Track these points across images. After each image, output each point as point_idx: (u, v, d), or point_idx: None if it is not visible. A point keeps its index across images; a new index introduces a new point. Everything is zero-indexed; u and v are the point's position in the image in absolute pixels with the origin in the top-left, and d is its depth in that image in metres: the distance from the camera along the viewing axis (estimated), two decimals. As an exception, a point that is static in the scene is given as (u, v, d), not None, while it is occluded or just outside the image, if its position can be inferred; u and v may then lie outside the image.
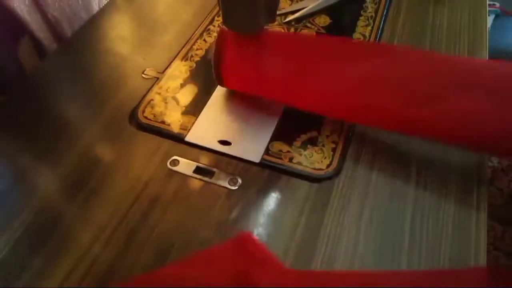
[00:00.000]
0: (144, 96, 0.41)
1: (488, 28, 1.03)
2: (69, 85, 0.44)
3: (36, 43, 0.50)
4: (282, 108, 0.39)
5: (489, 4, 1.03)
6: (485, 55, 0.43)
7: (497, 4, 1.04)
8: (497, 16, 1.04)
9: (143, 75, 0.44)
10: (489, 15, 1.03)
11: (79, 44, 0.48)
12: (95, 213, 0.33)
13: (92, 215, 0.33)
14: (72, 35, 0.49)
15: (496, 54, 0.54)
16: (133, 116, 0.40)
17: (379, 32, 0.46)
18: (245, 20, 0.34)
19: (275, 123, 0.38)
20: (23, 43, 0.49)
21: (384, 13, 0.48)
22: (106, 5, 0.53)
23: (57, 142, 0.38)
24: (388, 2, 0.50)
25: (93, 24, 0.50)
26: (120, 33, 0.49)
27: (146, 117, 0.39)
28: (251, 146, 0.36)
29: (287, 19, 0.48)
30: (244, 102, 0.40)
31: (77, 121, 0.40)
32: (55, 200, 0.34)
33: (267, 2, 0.33)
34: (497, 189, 0.48)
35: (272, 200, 0.33)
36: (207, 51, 0.46)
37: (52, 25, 0.49)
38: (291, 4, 0.50)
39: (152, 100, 0.41)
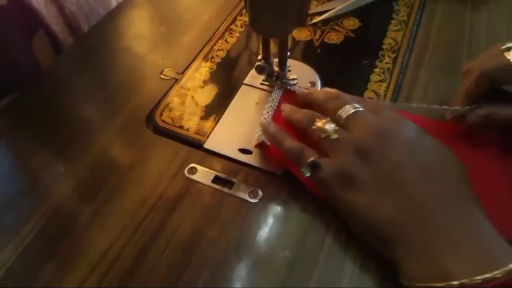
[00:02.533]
0: (162, 98, 0.39)
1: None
2: (85, 83, 0.42)
3: (52, 37, 0.48)
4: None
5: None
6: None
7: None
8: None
9: (162, 76, 0.42)
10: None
11: (95, 40, 0.47)
12: (108, 221, 0.31)
13: (105, 223, 0.31)
14: (88, 30, 0.48)
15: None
16: (150, 119, 0.38)
17: (412, 37, 0.43)
18: (273, 24, 0.31)
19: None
20: (38, 37, 0.48)
21: (418, 18, 0.45)
22: (124, 0, 0.51)
23: (72, 144, 0.36)
24: (421, 6, 0.47)
25: (110, 20, 0.49)
26: (138, 31, 0.48)
27: (163, 121, 0.37)
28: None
29: (313, 21, 0.46)
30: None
31: (92, 122, 0.38)
32: (68, 206, 0.32)
33: (296, 6, 0.30)
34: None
35: (295, 216, 0.31)
36: (228, 52, 0.44)
37: (68, 19, 0.47)
38: (317, 5, 0.48)
39: (170, 102, 0.39)
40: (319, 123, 0.30)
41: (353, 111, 0.30)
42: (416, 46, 0.43)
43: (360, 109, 0.30)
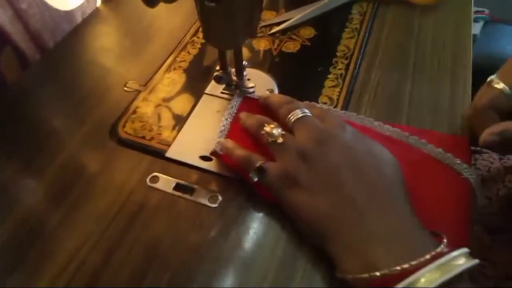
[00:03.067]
0: (126, 109, 0.41)
1: (477, 34, 1.04)
2: (51, 97, 0.43)
3: (19, 54, 0.49)
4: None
5: (478, 11, 1.04)
6: (469, 69, 0.43)
7: (486, 11, 1.05)
8: (486, 23, 1.05)
9: (125, 88, 0.43)
10: (478, 22, 1.04)
11: (61, 56, 0.48)
12: (75, 227, 0.32)
13: (72, 229, 0.32)
14: (54, 46, 0.49)
15: (485, 61, 0.54)
16: (113, 131, 0.39)
17: (364, 44, 0.46)
18: (224, 37, 0.33)
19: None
20: (5, 54, 0.48)
21: (369, 25, 0.48)
22: (89, 15, 0.52)
23: (38, 155, 0.37)
24: (373, 13, 0.50)
25: (76, 35, 0.50)
26: (104, 45, 0.49)
27: (126, 132, 0.39)
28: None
29: (272, 31, 0.48)
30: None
31: (58, 133, 0.39)
32: (35, 214, 0.33)
33: (246, 19, 0.32)
34: (486, 198, 0.48)
35: (252, 219, 0.32)
36: (190, 63, 0.45)
37: (34, 36, 0.48)
38: (276, 16, 0.50)
39: (133, 114, 0.40)
40: (267, 128, 0.32)
41: (301, 115, 0.32)
42: (368, 51, 0.45)
43: (308, 114, 0.32)
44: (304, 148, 0.30)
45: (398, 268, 0.22)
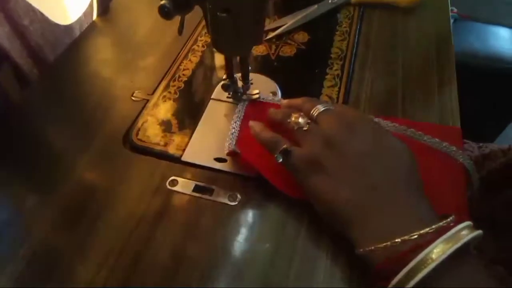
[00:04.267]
0: (136, 118, 0.42)
1: (449, 32, 1.10)
2: (57, 113, 0.44)
3: (17, 70, 0.49)
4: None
5: (447, 10, 1.10)
6: (453, 62, 0.47)
7: (455, 10, 1.11)
8: (455, 20, 1.11)
9: (133, 98, 0.44)
10: (447, 20, 1.10)
11: (63, 70, 0.48)
12: (97, 241, 0.33)
13: (94, 244, 0.33)
14: (55, 60, 0.49)
15: (457, 57, 0.59)
16: (127, 139, 0.40)
17: (355, 45, 0.49)
18: (233, 44, 0.35)
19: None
20: (3, 71, 0.48)
21: (358, 28, 0.52)
22: (87, 28, 0.53)
23: (52, 173, 0.38)
24: (360, 17, 0.53)
25: (75, 49, 0.51)
26: (104, 57, 0.50)
27: (140, 139, 0.40)
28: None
29: (268, 37, 0.50)
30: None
31: (70, 149, 0.40)
32: (54, 233, 0.34)
33: (254, 27, 0.34)
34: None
35: (272, 215, 0.34)
36: (194, 70, 0.47)
37: (34, 51, 0.49)
38: (270, 22, 0.52)
39: (144, 122, 0.42)
40: (293, 117, 0.34)
41: (323, 109, 0.34)
42: (359, 52, 0.49)
43: (331, 107, 0.35)
44: (330, 135, 0.31)
45: (416, 233, 0.25)
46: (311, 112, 0.34)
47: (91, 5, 0.54)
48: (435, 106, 0.42)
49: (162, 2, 0.30)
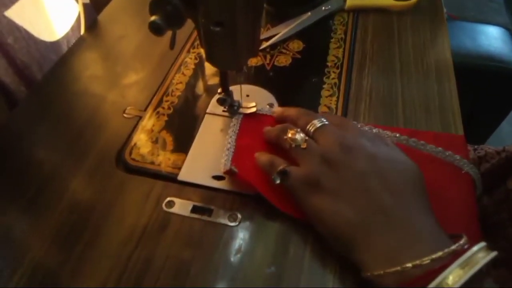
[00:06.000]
0: (129, 136, 0.40)
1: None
2: (46, 132, 0.42)
3: (4, 89, 0.48)
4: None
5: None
6: (451, 65, 0.46)
7: (445, 10, 1.11)
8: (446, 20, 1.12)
9: (125, 115, 0.43)
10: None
11: (51, 87, 0.47)
12: (93, 268, 0.31)
13: (90, 271, 0.31)
14: (43, 77, 0.48)
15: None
16: (120, 158, 0.39)
17: (351, 53, 0.48)
18: (228, 58, 0.34)
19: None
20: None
21: (353, 34, 0.51)
22: (74, 44, 0.51)
23: (42, 196, 0.36)
24: (355, 23, 0.52)
25: (64, 65, 0.49)
26: (93, 72, 0.48)
27: (134, 159, 0.38)
28: (245, 178, 0.36)
29: (262, 46, 0.49)
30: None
31: (60, 171, 0.38)
32: (49, 258, 0.32)
33: (248, 40, 0.33)
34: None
35: (274, 234, 0.33)
36: (187, 84, 0.46)
37: (20, 70, 0.47)
38: (263, 32, 0.51)
39: (137, 140, 0.40)
40: (289, 134, 0.33)
41: (319, 125, 0.33)
42: (356, 59, 0.48)
43: (326, 123, 0.33)
44: (328, 154, 0.30)
45: (428, 259, 0.24)
46: (307, 128, 0.33)
47: (78, 19, 0.52)
48: (436, 111, 0.42)
49: (152, 18, 0.29)
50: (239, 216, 0.34)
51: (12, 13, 0.43)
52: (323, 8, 0.53)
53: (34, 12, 0.46)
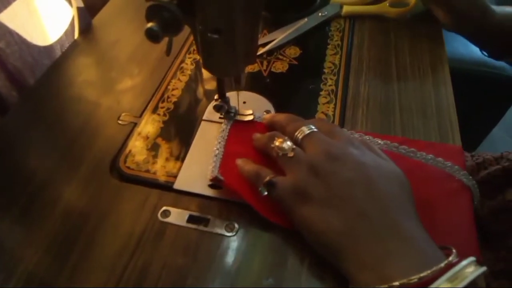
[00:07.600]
0: (123, 144, 0.40)
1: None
2: (39, 139, 0.41)
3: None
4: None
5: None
6: (447, 71, 0.47)
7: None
8: (439, 27, 1.13)
9: (119, 121, 0.42)
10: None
11: (44, 92, 0.46)
12: (88, 278, 0.31)
13: (85, 281, 0.30)
14: (35, 83, 0.47)
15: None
16: (114, 167, 0.38)
17: (348, 59, 0.48)
18: (225, 65, 0.34)
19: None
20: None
21: (350, 41, 0.50)
22: (68, 48, 0.51)
23: (35, 204, 0.35)
24: (351, 29, 0.52)
25: (57, 70, 0.48)
26: (87, 77, 0.47)
27: (128, 167, 0.38)
28: (242, 187, 0.35)
29: (259, 53, 0.49)
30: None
31: (53, 180, 0.37)
32: (42, 269, 0.31)
33: (246, 47, 0.33)
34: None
35: (272, 242, 0.32)
36: (183, 90, 0.45)
37: (11, 74, 0.46)
38: (260, 38, 0.51)
39: (132, 148, 0.39)
40: (277, 142, 0.33)
41: (308, 132, 0.33)
42: (353, 66, 0.47)
43: (315, 130, 0.33)
44: (315, 163, 0.30)
45: (416, 277, 0.23)
46: (296, 134, 0.33)
47: (72, 23, 0.51)
48: (433, 118, 0.42)
49: (149, 25, 0.28)
50: (236, 226, 0.33)
51: (4, 17, 0.42)
52: (320, 14, 0.53)
53: (26, 16, 0.45)
